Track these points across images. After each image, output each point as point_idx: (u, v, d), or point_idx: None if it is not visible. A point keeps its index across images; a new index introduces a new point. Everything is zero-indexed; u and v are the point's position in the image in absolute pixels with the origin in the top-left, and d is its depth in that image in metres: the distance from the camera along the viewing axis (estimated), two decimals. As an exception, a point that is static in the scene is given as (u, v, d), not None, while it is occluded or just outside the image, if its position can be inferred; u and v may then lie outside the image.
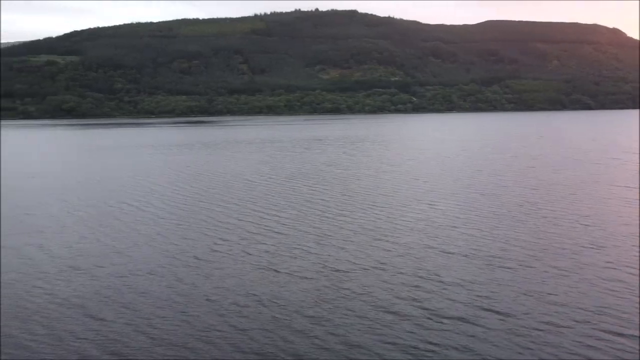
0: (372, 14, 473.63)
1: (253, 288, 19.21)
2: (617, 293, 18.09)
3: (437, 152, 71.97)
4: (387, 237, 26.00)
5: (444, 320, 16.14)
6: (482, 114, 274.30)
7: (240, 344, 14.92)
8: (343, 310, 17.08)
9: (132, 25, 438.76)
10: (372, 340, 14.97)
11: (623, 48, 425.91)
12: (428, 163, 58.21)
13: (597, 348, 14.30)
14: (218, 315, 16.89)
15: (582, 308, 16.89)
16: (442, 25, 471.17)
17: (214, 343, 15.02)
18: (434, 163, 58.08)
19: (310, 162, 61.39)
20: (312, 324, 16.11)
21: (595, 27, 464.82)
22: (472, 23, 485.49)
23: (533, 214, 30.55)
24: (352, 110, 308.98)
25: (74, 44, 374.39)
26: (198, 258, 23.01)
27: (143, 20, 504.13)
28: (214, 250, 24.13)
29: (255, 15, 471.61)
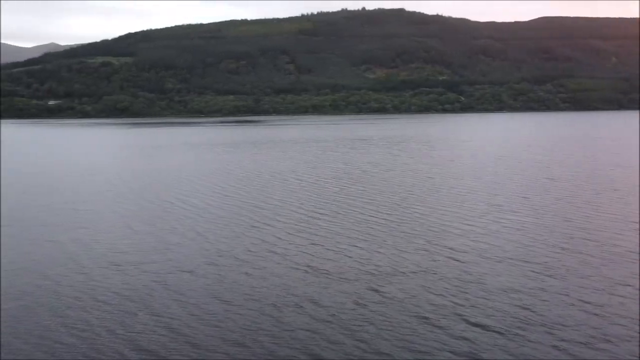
0: (419, 12, 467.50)
1: (291, 289, 19.16)
2: (677, 306, 16.93)
3: (485, 153, 70.07)
4: (430, 240, 25.42)
5: (488, 330, 15.55)
6: (534, 114, 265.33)
7: (276, 346, 14.88)
8: (381, 315, 16.76)
9: (183, 27, 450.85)
10: (409, 348, 14.61)
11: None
12: (475, 165, 56.72)
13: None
14: (256, 316, 16.92)
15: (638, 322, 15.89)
16: (492, 23, 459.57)
17: (250, 344, 15.04)
18: (482, 165, 56.53)
19: (354, 162, 61.05)
20: (349, 328, 15.89)
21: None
22: (524, 20, 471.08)
23: (591, 221, 29.13)
24: (398, 110, 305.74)
25: (129, 46, 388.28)
26: (238, 258, 23.19)
27: (194, 22, 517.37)
28: (254, 250, 24.26)
29: (303, 15, 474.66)
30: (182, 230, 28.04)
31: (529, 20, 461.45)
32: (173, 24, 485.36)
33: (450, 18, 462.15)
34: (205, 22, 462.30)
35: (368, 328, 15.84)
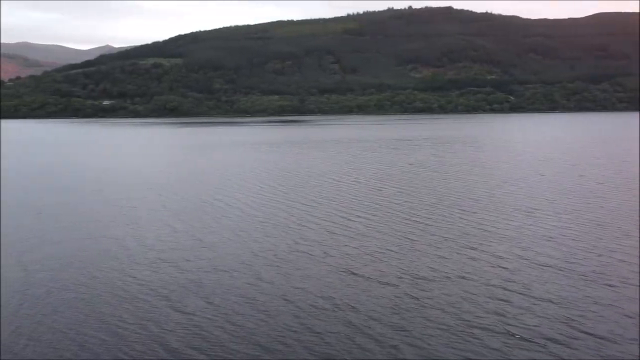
0: (468, 10, 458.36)
1: (331, 291, 18.99)
2: None
3: (535, 154, 67.71)
4: (474, 245, 24.67)
5: (533, 341, 14.87)
6: (589, 114, 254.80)
7: (314, 347, 14.75)
8: (421, 321, 16.34)
9: (230, 28, 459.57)
10: (447, 356, 14.14)
11: None
12: (524, 167, 54.86)
13: None
14: (294, 316, 16.85)
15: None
16: (544, 20, 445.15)
17: (288, 344, 14.98)
18: (531, 167, 54.61)
19: (397, 163, 60.29)
20: (387, 333, 15.57)
21: None
22: (579, 16, 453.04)
23: (643, 227, 27.54)
24: (444, 110, 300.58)
25: (178, 47, 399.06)
26: (279, 257, 23.23)
27: (241, 23, 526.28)
28: (295, 250, 24.25)
29: (348, 15, 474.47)
30: (220, 230, 28.37)
31: (583, 17, 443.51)
32: (221, 26, 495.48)
33: (500, 16, 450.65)
34: (253, 23, 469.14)
35: (406, 334, 15.47)
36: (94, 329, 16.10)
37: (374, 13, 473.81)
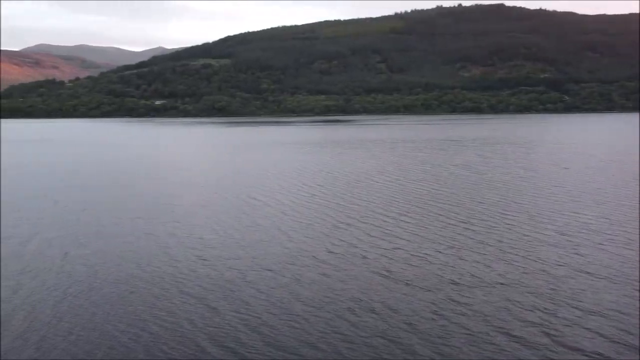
0: (520, 7, 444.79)
1: (367, 294, 18.58)
2: None
3: (591, 156, 64.64)
4: (518, 250, 23.61)
5: (580, 355, 13.96)
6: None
7: (350, 351, 14.47)
8: (460, 329, 15.69)
9: (278, 29, 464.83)
10: (489, 368, 13.46)
11: None
12: (579, 170, 52.41)
13: None
14: (329, 319, 16.57)
15: None
16: (602, 16, 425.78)
17: (323, 347, 14.73)
18: (587, 170, 52.11)
19: (442, 164, 58.95)
20: (425, 339, 15.02)
21: None
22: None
23: None
24: (494, 110, 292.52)
25: (227, 48, 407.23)
26: (316, 258, 22.99)
27: (288, 24, 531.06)
28: (332, 252, 23.95)
29: (396, 14, 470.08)
30: (258, 230, 28.40)
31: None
32: (269, 26, 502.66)
33: (555, 12, 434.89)
34: (300, 23, 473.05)
35: (446, 341, 14.90)
36: (130, 326, 16.36)
37: (422, 11, 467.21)
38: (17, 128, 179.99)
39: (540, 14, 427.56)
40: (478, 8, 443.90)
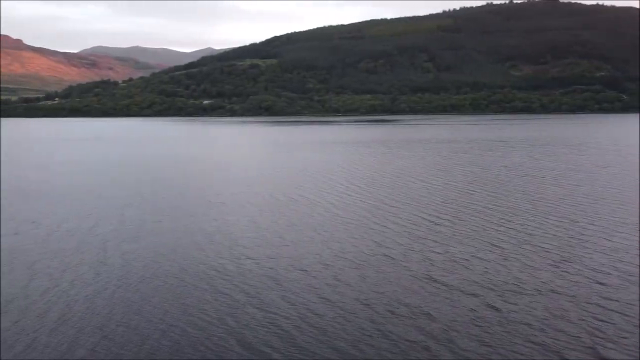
0: (575, 2, 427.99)
1: (406, 298, 18.49)
2: None
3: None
4: (569, 256, 22.88)
5: (629, 367, 13.47)
6: None
7: (387, 354, 14.49)
8: (504, 336, 15.42)
9: (324, 28, 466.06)
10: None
11: None
12: (631, 171, 50.03)
13: None
14: (370, 320, 16.63)
15: None
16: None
17: (361, 348, 14.82)
18: (636, 173, 49.73)
19: (490, 165, 57.63)
20: (466, 345, 14.87)
21: None
22: None
23: None
24: (546, 110, 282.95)
25: (274, 48, 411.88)
26: (359, 258, 23.06)
27: (335, 23, 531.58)
28: (376, 253, 23.94)
29: (444, 12, 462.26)
30: (303, 228, 28.73)
31: None
32: (315, 26, 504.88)
33: (613, 7, 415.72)
34: (346, 22, 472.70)
35: (486, 349, 14.69)
36: (177, 319, 16.97)
37: (471, 9, 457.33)
38: (76, 127, 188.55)
39: (597, 9, 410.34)
40: (530, 4, 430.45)
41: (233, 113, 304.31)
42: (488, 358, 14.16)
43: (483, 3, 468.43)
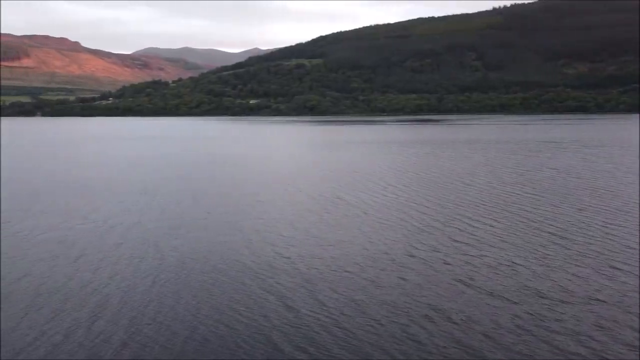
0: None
1: (447, 301, 17.89)
2: None
3: None
4: (617, 264, 21.54)
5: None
6: None
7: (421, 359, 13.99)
8: (543, 346, 14.60)
9: (370, 28, 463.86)
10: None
11: None
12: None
13: None
14: (403, 325, 16.16)
15: None
16: None
17: (392, 354, 14.39)
18: None
19: (538, 167, 55.49)
20: (502, 355, 14.14)
21: None
22: None
23: None
24: (602, 109, 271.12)
25: (319, 48, 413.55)
26: (395, 261, 22.54)
27: (381, 22, 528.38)
28: (413, 255, 23.35)
29: (494, 9, 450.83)
30: (339, 229, 28.38)
31: None
32: (361, 25, 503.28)
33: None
34: (392, 21, 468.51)
35: (522, 357, 13.95)
36: (208, 317, 17.02)
37: (523, 5, 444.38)
38: (129, 126, 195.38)
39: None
40: (583, 1, 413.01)
41: (278, 112, 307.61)
42: (528, 370, 13.43)
43: (535, 0, 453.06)
